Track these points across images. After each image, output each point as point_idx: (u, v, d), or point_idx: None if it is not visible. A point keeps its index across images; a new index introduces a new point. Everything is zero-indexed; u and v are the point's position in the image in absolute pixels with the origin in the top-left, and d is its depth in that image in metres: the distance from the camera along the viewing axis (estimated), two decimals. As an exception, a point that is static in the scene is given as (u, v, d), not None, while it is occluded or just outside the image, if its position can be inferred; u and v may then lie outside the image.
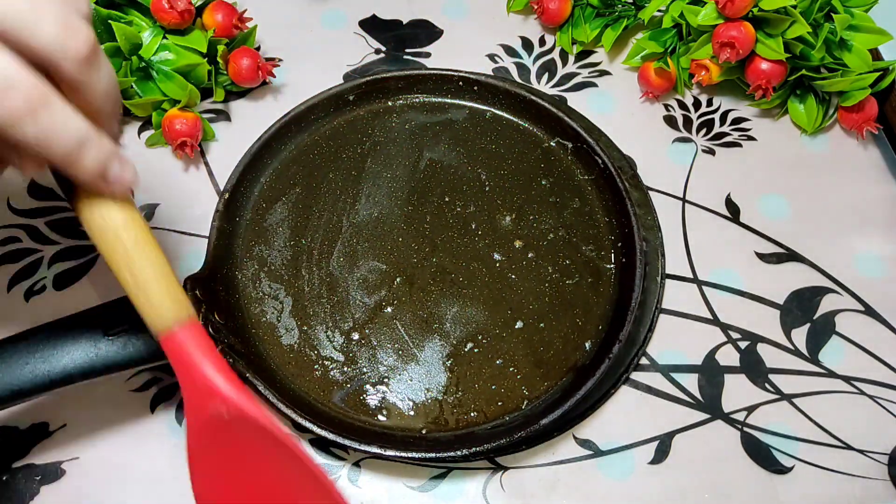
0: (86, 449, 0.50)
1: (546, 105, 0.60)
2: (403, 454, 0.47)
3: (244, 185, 0.58)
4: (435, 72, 0.62)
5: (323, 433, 0.48)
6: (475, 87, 0.62)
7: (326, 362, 0.53)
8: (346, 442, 0.48)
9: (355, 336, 0.53)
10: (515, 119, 0.62)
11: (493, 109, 0.62)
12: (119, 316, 0.46)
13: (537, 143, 0.61)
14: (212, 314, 0.51)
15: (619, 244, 0.56)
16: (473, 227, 0.58)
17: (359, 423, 0.50)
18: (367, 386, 0.52)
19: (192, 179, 0.61)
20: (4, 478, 0.49)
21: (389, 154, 0.61)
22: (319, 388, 0.52)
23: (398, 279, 0.56)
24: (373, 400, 0.51)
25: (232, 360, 0.49)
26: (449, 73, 0.62)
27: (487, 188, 0.59)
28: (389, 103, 0.63)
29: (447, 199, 0.59)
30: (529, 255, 0.56)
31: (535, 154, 0.60)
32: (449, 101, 0.63)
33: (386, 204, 0.58)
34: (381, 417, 0.51)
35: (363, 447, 0.47)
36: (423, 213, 0.58)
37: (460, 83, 0.62)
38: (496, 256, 0.56)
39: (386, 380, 0.52)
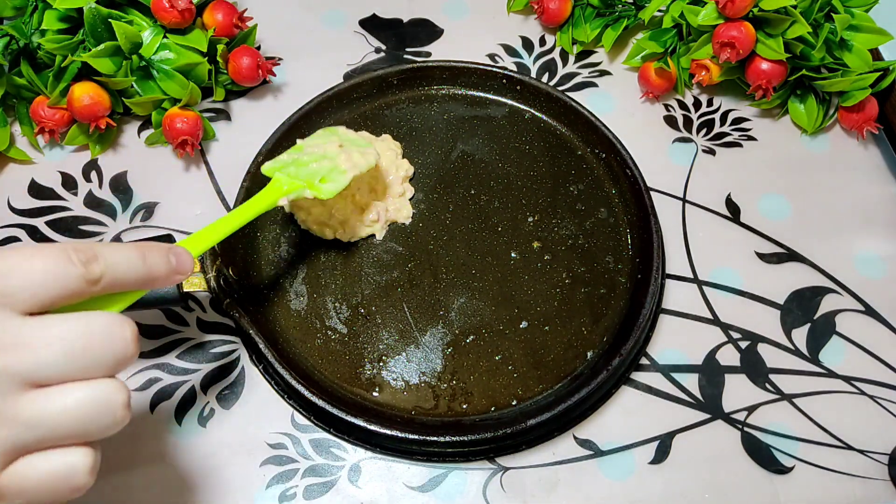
0: (86, 449, 0.50)
1: (586, 113, 0.60)
2: (388, 431, 0.48)
3: (279, 152, 0.58)
4: (480, 66, 0.62)
5: (314, 399, 0.49)
6: (518, 87, 0.62)
7: (330, 332, 0.53)
8: (335, 411, 0.49)
9: (362, 311, 0.54)
10: (554, 123, 0.62)
11: (532, 111, 0.62)
12: None
13: (572, 150, 0.61)
14: (226, 268, 0.52)
15: (638, 260, 0.56)
16: (494, 222, 0.58)
17: (350, 395, 0.51)
18: (365, 361, 0.52)
19: (193, 179, 0.61)
20: (4, 477, 0.49)
21: (424, 141, 0.61)
22: (319, 356, 0.53)
23: (412, 263, 0.56)
24: (368, 375, 0.52)
25: (238, 314, 0.50)
26: (494, 69, 0.62)
27: (515, 187, 0.59)
28: (432, 92, 0.63)
29: (473, 192, 0.59)
30: (546, 258, 0.56)
31: (567, 160, 0.61)
32: (490, 97, 0.63)
33: (413, 188, 0.59)
34: (374, 393, 0.51)
35: (350, 418, 0.48)
36: (446, 202, 0.59)
37: (504, 80, 0.62)
38: (512, 255, 0.56)
39: (384, 358, 0.53)
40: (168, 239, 0.51)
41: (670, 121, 0.64)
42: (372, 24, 0.69)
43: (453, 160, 0.61)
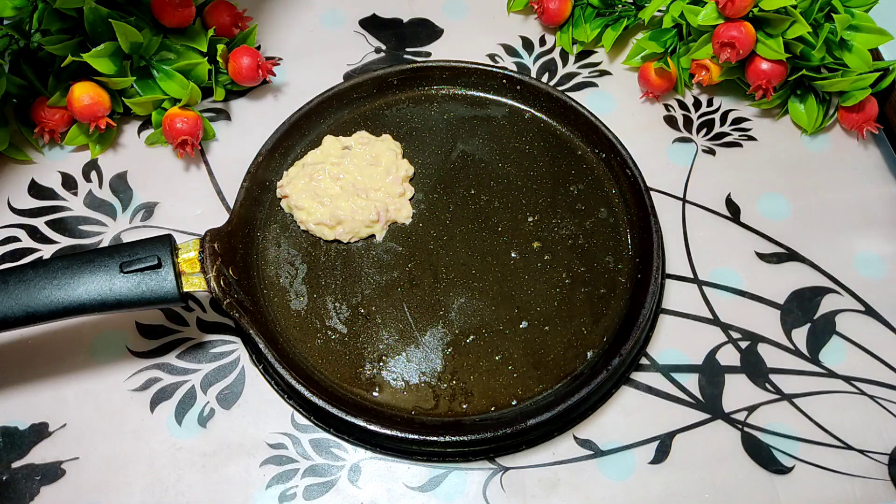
0: (86, 449, 0.50)
1: (586, 113, 0.60)
2: (388, 431, 0.48)
3: (279, 152, 0.59)
4: (480, 66, 0.62)
5: (314, 399, 0.49)
6: (518, 87, 0.62)
7: (329, 332, 0.53)
8: (335, 411, 0.49)
9: (362, 311, 0.54)
10: (554, 123, 0.62)
11: (532, 111, 0.63)
12: (137, 255, 0.48)
13: (572, 150, 0.61)
14: (226, 268, 0.52)
15: (638, 260, 0.56)
16: (495, 222, 0.58)
17: (350, 395, 0.51)
18: (365, 361, 0.53)
19: (193, 179, 0.61)
20: (4, 478, 0.49)
21: (424, 141, 0.61)
22: (319, 356, 0.53)
23: (412, 263, 0.56)
24: (368, 375, 0.52)
25: (238, 314, 0.50)
26: (494, 69, 0.62)
27: (515, 187, 0.59)
28: (432, 92, 0.63)
29: (473, 192, 0.59)
30: (546, 258, 0.56)
31: (567, 160, 0.61)
32: (490, 97, 0.63)
33: (413, 188, 0.59)
34: (374, 393, 0.51)
35: (350, 418, 0.49)
36: (446, 202, 0.59)
37: (503, 80, 0.62)
38: (513, 255, 0.56)
39: (384, 358, 0.53)
40: (168, 239, 0.51)
41: (670, 121, 0.64)
42: (372, 24, 0.69)
43: (453, 160, 0.61)
